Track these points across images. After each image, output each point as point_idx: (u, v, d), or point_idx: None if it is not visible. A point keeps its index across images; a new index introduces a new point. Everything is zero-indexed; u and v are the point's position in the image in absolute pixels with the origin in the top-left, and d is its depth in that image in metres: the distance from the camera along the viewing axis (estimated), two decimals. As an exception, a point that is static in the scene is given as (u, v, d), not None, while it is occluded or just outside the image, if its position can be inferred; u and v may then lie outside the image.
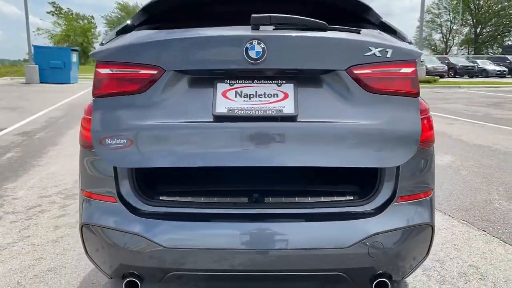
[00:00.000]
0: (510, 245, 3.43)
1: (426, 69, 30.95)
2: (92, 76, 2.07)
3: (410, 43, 2.11)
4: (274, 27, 1.96)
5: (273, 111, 1.91)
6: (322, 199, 2.11)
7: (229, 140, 1.91)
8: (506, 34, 74.45)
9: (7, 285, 2.80)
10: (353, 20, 2.33)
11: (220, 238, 1.97)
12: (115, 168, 2.04)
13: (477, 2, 72.26)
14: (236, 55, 1.88)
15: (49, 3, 60.48)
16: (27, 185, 4.97)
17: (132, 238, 1.99)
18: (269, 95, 1.94)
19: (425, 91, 20.17)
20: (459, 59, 39.11)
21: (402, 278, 2.21)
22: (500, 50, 65.49)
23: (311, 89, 1.96)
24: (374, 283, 2.06)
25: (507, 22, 72.54)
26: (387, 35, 2.15)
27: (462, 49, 76.31)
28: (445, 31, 77.87)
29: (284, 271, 2.02)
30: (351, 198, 2.12)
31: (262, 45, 1.87)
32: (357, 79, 1.94)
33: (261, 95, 1.94)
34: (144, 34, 2.08)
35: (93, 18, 62.15)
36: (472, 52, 71.81)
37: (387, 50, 1.93)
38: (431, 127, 2.16)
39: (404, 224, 2.04)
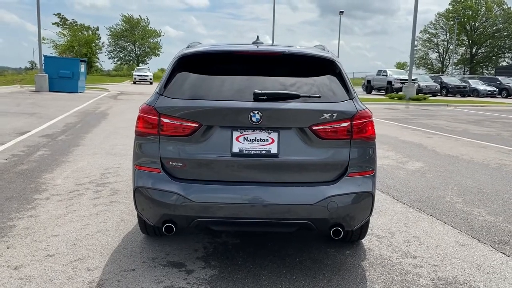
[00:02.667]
0: (448, 224, 4.45)
1: (419, 87, 32.23)
2: (99, 86, 3.14)
3: (349, 92, 3.19)
4: (266, 97, 3.03)
5: (264, 151, 3.03)
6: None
7: (239, 167, 3.05)
8: (500, 55, 76.35)
9: (68, 239, 3.80)
10: (321, 70, 3.31)
11: (228, 196, 3.00)
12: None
13: (473, 23, 74.22)
14: (245, 118, 3.00)
15: (54, 14, 61.98)
16: (62, 176, 5.98)
17: (171, 195, 3.01)
18: (263, 140, 3.05)
19: (413, 108, 21.34)
20: (452, 79, 40.49)
21: (352, 228, 3.23)
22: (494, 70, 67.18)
23: (288, 137, 3.06)
24: (331, 230, 3.08)
25: (502, 44, 74.49)
26: (337, 96, 3.16)
27: (457, 69, 78.04)
28: (441, 50, 79.71)
29: (272, 219, 3.04)
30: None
31: (260, 113, 2.98)
32: (315, 132, 3.04)
33: (259, 139, 3.05)
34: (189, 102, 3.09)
35: (97, 29, 63.36)
36: (468, 72, 73.46)
37: (334, 114, 3.04)
38: (371, 128, 3.17)
39: (352, 191, 3.07)
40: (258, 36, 3.66)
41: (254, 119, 2.98)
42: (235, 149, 3.03)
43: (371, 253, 3.70)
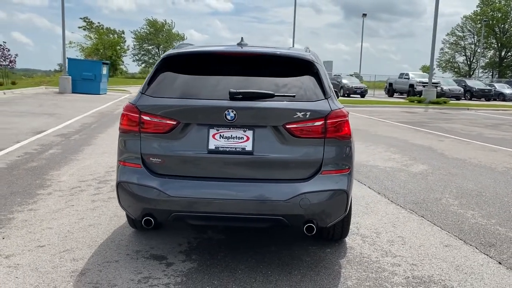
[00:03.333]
0: (437, 226, 4.45)
1: (442, 90, 31.74)
2: (121, 88, 3.26)
3: (325, 92, 3.25)
4: (241, 96, 3.12)
5: (240, 148, 3.12)
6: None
7: (215, 164, 3.15)
8: (530, 58, 74.22)
9: (61, 232, 3.98)
10: (299, 71, 3.38)
11: (204, 192, 3.11)
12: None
13: (502, 26, 72.44)
14: (220, 116, 3.09)
15: (81, 18, 63.58)
16: (68, 173, 6.21)
17: (150, 190, 3.14)
18: (238, 138, 3.14)
19: (432, 111, 21.05)
20: (476, 82, 39.62)
21: (326, 225, 3.29)
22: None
23: (262, 135, 3.14)
24: (305, 227, 3.15)
25: (532, 47, 72.42)
26: (312, 96, 3.22)
27: (485, 72, 76.28)
28: (469, 53, 78.04)
29: (246, 214, 3.13)
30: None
31: (234, 112, 3.08)
32: (289, 131, 3.12)
33: (234, 137, 3.14)
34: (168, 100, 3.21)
35: (123, 33, 64.78)
36: (496, 76, 71.72)
37: (307, 113, 3.11)
38: (346, 127, 3.23)
39: (325, 188, 3.14)
40: (242, 38, 3.77)
41: (229, 117, 3.09)
42: (211, 146, 3.14)
43: (352, 251, 3.75)
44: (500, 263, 3.61)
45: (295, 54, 3.47)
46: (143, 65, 73.16)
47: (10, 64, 26.99)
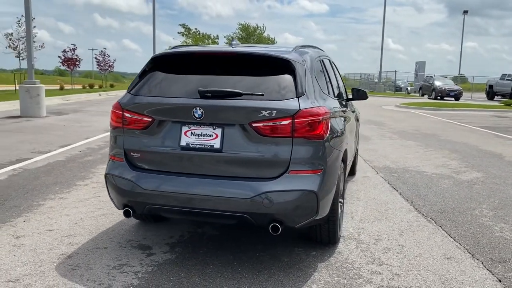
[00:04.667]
0: (451, 237, 4.10)
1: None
2: None
3: (298, 91, 3.19)
4: (210, 95, 3.20)
5: (208, 146, 3.20)
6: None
7: (186, 160, 3.27)
8: None
9: (74, 219, 4.36)
10: (276, 70, 3.36)
11: (174, 186, 3.23)
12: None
13: None
14: (189, 114, 3.19)
15: (180, 24, 67.36)
16: (113, 167, 6.71)
17: (127, 182, 3.34)
18: (208, 135, 3.22)
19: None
20: None
21: (295, 226, 3.22)
22: None
23: (231, 133, 3.18)
24: (270, 226, 3.12)
25: None
26: (283, 94, 3.20)
27: None
28: None
29: (213, 210, 3.19)
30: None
31: (202, 110, 3.16)
32: (255, 129, 3.12)
33: (204, 134, 3.23)
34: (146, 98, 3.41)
35: (217, 37, 67.36)
36: None
37: (273, 112, 3.08)
38: (318, 127, 3.15)
39: (291, 188, 3.09)
40: (233, 38, 3.85)
41: (196, 115, 3.18)
42: (183, 142, 3.26)
43: (338, 256, 3.62)
44: (500, 280, 3.25)
45: (272, 53, 3.46)
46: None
47: (109, 69, 29.56)
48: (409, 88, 44.91)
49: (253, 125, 3.13)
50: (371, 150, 8.99)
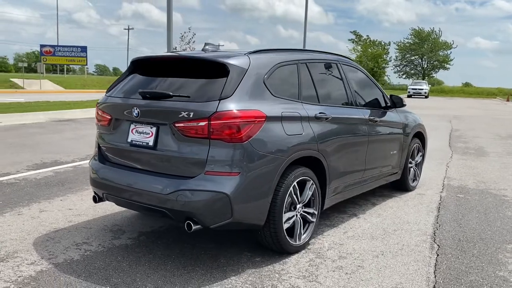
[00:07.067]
0: (432, 262, 3.57)
1: None
2: None
3: (223, 93, 3.28)
4: (149, 96, 3.53)
5: (145, 143, 3.54)
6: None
7: (130, 155, 3.68)
8: None
9: (104, 208, 5.06)
10: (212, 73, 3.49)
11: (118, 178, 3.64)
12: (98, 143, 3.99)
13: None
14: (131, 113, 3.56)
15: (351, 32, 67.36)
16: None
17: (93, 173, 3.87)
18: (146, 133, 3.55)
19: None
20: None
21: (210, 226, 3.27)
22: None
23: (164, 132, 3.45)
24: (185, 223, 3.27)
25: None
26: (207, 97, 3.32)
27: None
28: None
29: (141, 203, 3.48)
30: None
31: (138, 110, 3.51)
32: (177, 129, 3.32)
33: (143, 132, 3.57)
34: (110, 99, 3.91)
35: (389, 44, 65.32)
36: None
37: (190, 113, 3.25)
38: (237, 129, 3.19)
39: (204, 188, 3.20)
40: (205, 43, 4.03)
41: (134, 114, 3.54)
42: (129, 139, 3.65)
43: (278, 265, 3.53)
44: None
45: (211, 57, 3.59)
46: (403, 76, 71.90)
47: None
48: None
49: (176, 125, 3.33)
50: (470, 167, 7.93)
